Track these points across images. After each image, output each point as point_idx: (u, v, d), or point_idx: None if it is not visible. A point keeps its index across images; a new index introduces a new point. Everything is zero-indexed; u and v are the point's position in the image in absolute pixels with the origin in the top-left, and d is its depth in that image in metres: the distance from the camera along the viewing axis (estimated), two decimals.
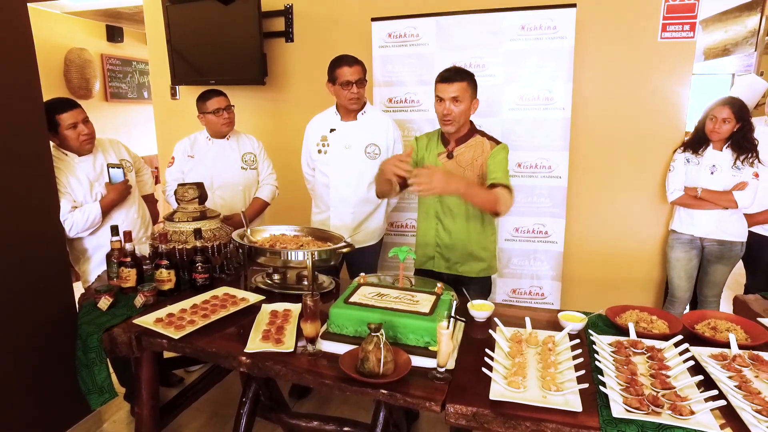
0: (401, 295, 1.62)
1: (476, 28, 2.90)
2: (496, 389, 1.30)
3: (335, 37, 3.33)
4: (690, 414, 1.20)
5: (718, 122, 2.62)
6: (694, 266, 2.86)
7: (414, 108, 3.08)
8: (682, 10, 2.79)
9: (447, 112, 2.03)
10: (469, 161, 2.13)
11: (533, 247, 3.06)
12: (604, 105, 2.99)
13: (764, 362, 1.44)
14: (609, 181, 3.07)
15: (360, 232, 2.56)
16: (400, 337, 1.50)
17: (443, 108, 2.04)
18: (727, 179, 2.64)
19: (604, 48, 2.93)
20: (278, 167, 2.98)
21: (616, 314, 1.77)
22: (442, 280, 2.24)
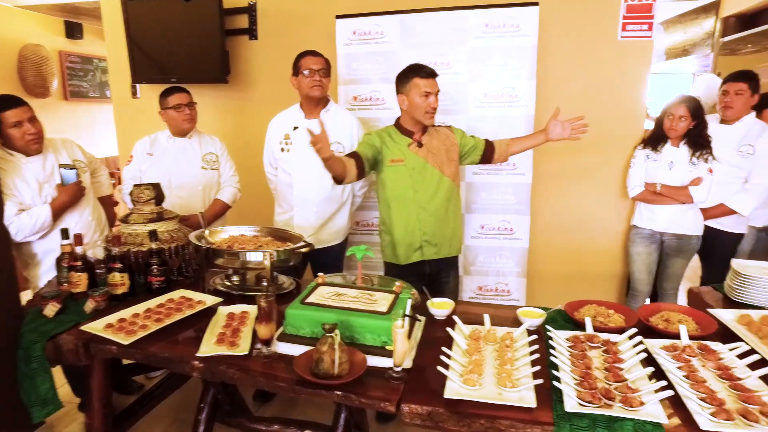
0: (360, 295, 1.61)
1: (441, 26, 2.90)
2: (451, 387, 1.30)
3: (300, 35, 3.28)
4: (640, 405, 1.22)
5: (675, 120, 2.67)
6: (654, 260, 2.92)
7: (379, 106, 3.06)
8: (640, 10, 2.85)
9: (436, 105, 2.16)
10: (438, 147, 2.25)
11: (499, 244, 3.08)
12: (566, 102, 2.99)
13: (711, 352, 1.48)
14: (572, 178, 3.11)
15: (324, 232, 2.53)
16: (357, 337, 1.48)
17: (432, 101, 2.14)
18: (684, 175, 2.70)
19: (566, 46, 2.96)
20: (242, 167, 2.92)
21: (574, 309, 1.79)
22: (431, 268, 2.32)
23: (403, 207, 2.26)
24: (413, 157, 2.23)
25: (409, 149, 2.23)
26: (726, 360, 1.43)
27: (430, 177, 2.23)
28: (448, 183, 2.27)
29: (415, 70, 2.18)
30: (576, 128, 2.23)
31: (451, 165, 2.29)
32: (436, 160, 2.24)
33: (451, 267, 2.40)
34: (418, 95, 2.15)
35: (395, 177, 2.25)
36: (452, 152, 2.29)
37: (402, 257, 2.30)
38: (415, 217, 2.25)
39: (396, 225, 2.29)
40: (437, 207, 2.25)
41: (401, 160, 2.23)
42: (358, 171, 2.15)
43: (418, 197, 2.23)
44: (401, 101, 2.22)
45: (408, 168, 2.22)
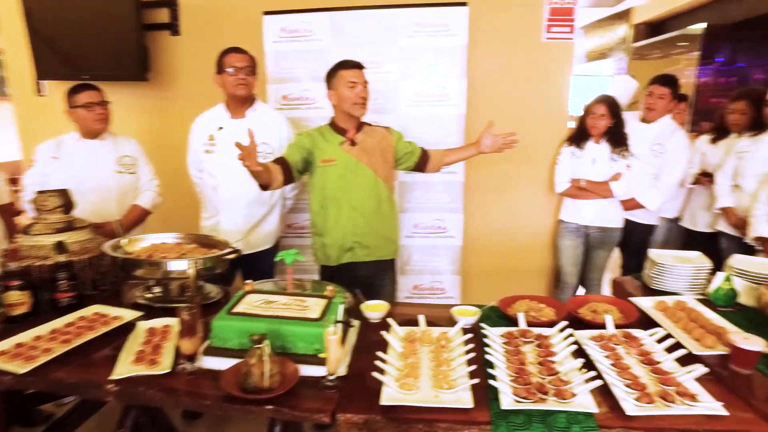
0: (290, 301, 1.53)
1: (371, 24, 2.87)
2: (387, 393, 1.26)
3: (225, 31, 3.12)
4: (572, 397, 1.24)
5: (596, 118, 2.80)
6: (580, 252, 3.05)
7: (309, 105, 2.99)
8: (562, 13, 2.96)
9: (364, 94, 2.14)
10: (374, 146, 2.22)
11: (432, 243, 3.10)
12: (495, 101, 3.09)
13: (634, 339, 1.54)
14: (503, 175, 3.18)
15: (254, 236, 2.43)
16: (288, 346, 1.41)
17: (360, 91, 2.12)
18: (605, 170, 2.84)
19: (495, 46, 3.03)
20: (165, 170, 2.75)
21: (507, 305, 1.81)
22: (365, 271, 2.28)
23: (334, 208, 2.21)
24: (345, 156, 2.18)
25: (342, 148, 2.19)
26: (647, 346, 1.50)
27: (363, 177, 2.19)
28: (382, 184, 2.24)
29: (340, 64, 2.17)
30: (507, 143, 2.27)
31: (386, 166, 2.26)
32: (370, 160, 2.21)
33: (386, 270, 2.37)
34: (344, 86, 2.12)
35: (326, 177, 2.19)
36: (388, 153, 2.27)
37: (333, 258, 2.25)
38: (347, 217, 2.20)
39: (327, 226, 2.23)
40: (370, 208, 2.21)
41: (332, 160, 2.17)
42: (285, 177, 2.12)
43: (349, 198, 2.19)
44: (331, 97, 2.18)
45: (340, 168, 2.17)
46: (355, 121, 2.21)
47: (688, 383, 1.30)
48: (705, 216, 3.06)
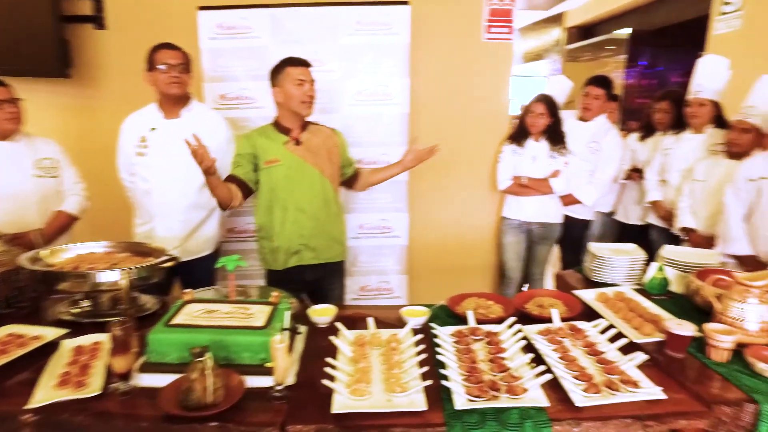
0: (233, 310, 1.45)
1: (312, 22, 2.81)
2: (339, 401, 1.22)
3: (157, 26, 2.95)
4: (523, 392, 1.25)
5: (535, 116, 2.89)
6: (523, 248, 3.13)
7: (249, 105, 2.88)
8: (501, 14, 3.02)
9: (312, 93, 2.09)
10: (318, 147, 2.17)
11: (378, 243, 3.08)
12: (438, 100, 3.11)
13: (579, 331, 1.58)
14: (446, 174, 3.21)
15: (192, 242, 2.30)
16: (233, 357, 1.34)
17: (307, 89, 2.07)
18: (545, 167, 2.93)
19: (437, 46, 3.04)
20: (93, 174, 2.55)
21: (456, 304, 1.81)
22: (312, 275, 2.22)
23: (279, 210, 2.14)
24: (290, 156, 2.11)
25: (286, 148, 2.12)
26: (591, 337, 1.54)
27: (309, 177, 2.14)
28: (329, 185, 2.20)
29: (287, 61, 2.11)
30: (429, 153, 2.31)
31: (332, 166, 2.22)
32: (316, 159, 2.16)
33: (334, 274, 2.32)
34: (292, 84, 2.06)
35: (271, 179, 2.12)
36: (334, 154, 2.23)
37: (280, 262, 2.18)
38: (293, 219, 2.14)
39: (273, 229, 2.15)
40: (316, 209, 2.16)
41: (277, 160, 2.10)
42: (244, 193, 2.09)
43: (295, 198, 2.12)
44: (276, 94, 2.11)
45: (285, 168, 2.10)
46: (300, 120, 2.15)
47: (630, 371, 1.34)
48: (636, 209, 3.24)
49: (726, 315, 1.51)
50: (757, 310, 1.48)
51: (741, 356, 1.42)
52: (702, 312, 1.69)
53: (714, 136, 2.72)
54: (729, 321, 1.49)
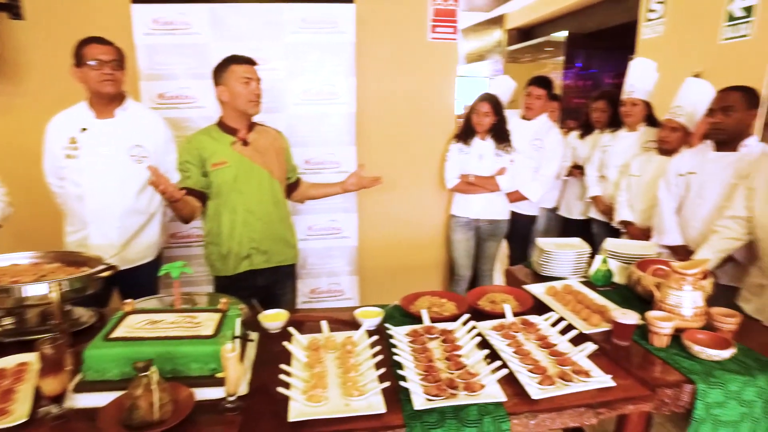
0: (179, 319, 1.37)
1: (254, 19, 2.72)
2: (295, 408, 1.17)
3: (86, 19, 2.75)
4: (481, 389, 1.25)
5: (481, 115, 2.94)
6: (472, 245, 3.18)
7: (189, 104, 2.76)
8: (446, 14, 3.06)
9: (259, 92, 2.04)
10: (266, 147, 2.12)
11: (328, 244, 3.04)
12: (385, 100, 3.11)
13: (531, 325, 1.61)
14: (395, 173, 3.20)
15: (131, 249, 2.17)
16: (180, 369, 1.26)
17: (254, 88, 2.01)
18: (491, 165, 2.98)
19: (383, 45, 3.03)
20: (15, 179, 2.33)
21: (409, 303, 1.80)
22: (263, 279, 2.15)
23: (228, 213, 2.06)
24: (237, 157, 2.04)
25: (233, 148, 2.04)
26: (543, 330, 1.58)
27: (258, 178, 2.07)
28: (278, 186, 2.15)
29: (232, 58, 2.04)
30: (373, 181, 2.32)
31: (281, 167, 2.17)
32: (265, 160, 2.10)
33: (286, 278, 2.27)
34: (238, 82, 1.99)
35: (219, 181, 2.04)
36: (281, 155, 2.18)
37: (230, 267, 2.10)
38: (243, 222, 2.07)
39: (222, 233, 2.07)
40: (266, 211, 2.10)
41: (224, 162, 2.02)
42: (202, 203, 2.03)
43: (244, 200, 2.05)
44: (221, 93, 2.03)
45: (233, 169, 2.03)
46: (246, 120, 2.08)
47: (581, 361, 1.38)
48: (578, 205, 3.37)
49: (665, 302, 1.58)
50: (692, 296, 1.56)
51: (679, 341, 1.50)
52: (643, 301, 1.77)
53: (646, 133, 2.88)
54: (667, 308, 1.57)
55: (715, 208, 2.22)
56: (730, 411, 1.36)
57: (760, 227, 1.91)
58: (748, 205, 1.96)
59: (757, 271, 1.98)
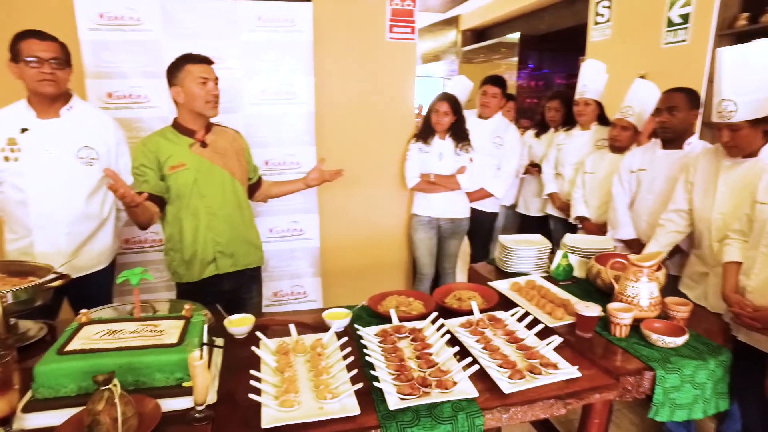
0: (140, 328, 1.31)
1: (209, 16, 2.63)
2: (268, 414, 1.14)
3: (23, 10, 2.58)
4: (453, 386, 1.26)
5: (440, 115, 2.97)
6: (434, 244, 3.20)
7: (142, 104, 2.64)
8: (403, 14, 3.07)
9: (216, 92, 1.97)
10: (226, 148, 2.05)
11: (290, 246, 3.00)
12: (345, 100, 3.09)
13: (498, 320, 1.64)
14: (356, 173, 3.18)
15: (83, 257, 2.06)
16: (144, 380, 1.20)
17: (211, 88, 1.94)
18: (451, 164, 3.02)
19: (341, 44, 3.01)
20: None
21: (377, 303, 1.80)
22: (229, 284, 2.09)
23: (190, 217, 1.98)
24: (197, 159, 1.97)
25: (191, 150, 1.97)
26: (510, 325, 1.61)
27: (219, 179, 2.01)
28: (240, 187, 2.09)
29: (187, 57, 1.95)
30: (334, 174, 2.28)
31: (242, 168, 2.11)
32: (225, 161, 2.03)
33: (252, 281, 2.21)
34: (194, 83, 1.91)
35: (178, 185, 1.95)
36: (241, 155, 2.13)
37: (195, 273, 2.02)
38: (205, 226, 1.99)
39: (184, 238, 1.99)
40: (229, 213, 2.03)
41: (183, 164, 1.94)
42: (160, 208, 1.95)
43: (206, 203, 1.98)
44: (176, 94, 1.94)
45: (192, 172, 1.95)
46: (203, 121, 2.01)
47: (548, 354, 1.42)
48: (536, 202, 3.46)
49: (624, 294, 1.65)
50: (648, 287, 1.63)
51: (638, 330, 1.56)
52: (603, 293, 1.84)
53: (599, 132, 3.00)
54: (626, 299, 1.64)
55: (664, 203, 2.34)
56: (685, 394, 1.43)
57: (698, 219, 2.02)
58: (688, 198, 2.07)
59: (697, 259, 2.09)
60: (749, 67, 1.70)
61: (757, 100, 1.70)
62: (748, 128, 1.75)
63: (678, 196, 2.11)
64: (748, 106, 1.71)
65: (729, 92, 1.73)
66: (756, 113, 1.71)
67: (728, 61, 1.73)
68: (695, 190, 2.04)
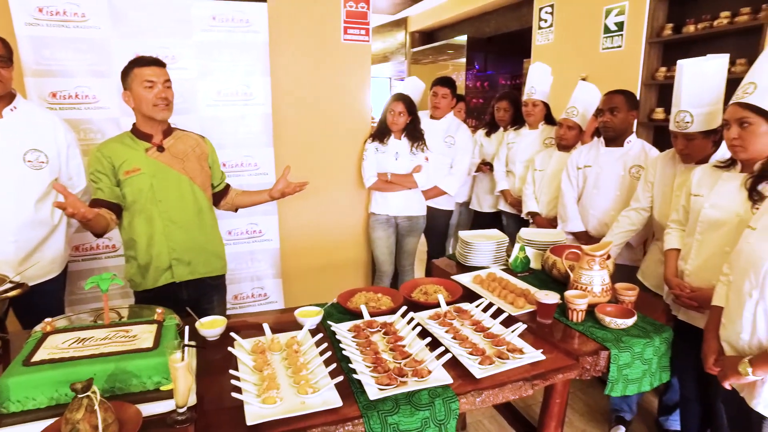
0: (111, 334, 1.28)
1: (160, 14, 2.56)
2: (251, 412, 1.16)
3: None
4: (428, 374, 1.32)
5: (395, 115, 3.03)
6: (392, 242, 3.27)
7: (89, 105, 2.53)
8: (357, 16, 3.11)
9: (166, 95, 1.89)
10: (186, 153, 2.00)
11: (249, 248, 2.97)
12: (301, 100, 3.09)
13: (464, 311, 1.72)
14: (314, 174, 3.17)
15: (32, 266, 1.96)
16: (120, 387, 1.18)
17: (159, 91, 1.87)
18: (408, 164, 3.09)
19: (297, 45, 3.01)
20: None
21: (346, 299, 1.83)
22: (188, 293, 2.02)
23: (144, 222, 1.92)
24: (153, 163, 1.90)
25: (147, 155, 1.90)
26: (476, 316, 1.69)
27: (177, 184, 1.95)
28: (200, 193, 2.01)
29: (135, 61, 1.89)
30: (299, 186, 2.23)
31: (203, 174, 2.04)
32: (184, 165, 1.96)
33: (213, 290, 2.13)
34: (141, 86, 1.85)
35: (133, 190, 1.88)
36: (203, 160, 2.06)
37: (150, 281, 1.96)
38: (161, 232, 1.93)
39: (138, 244, 1.93)
40: (188, 219, 1.98)
41: (137, 169, 1.88)
42: (117, 214, 1.89)
43: (162, 208, 1.92)
44: (127, 99, 1.88)
45: (147, 177, 1.89)
46: (160, 125, 1.95)
47: (514, 340, 1.51)
48: (488, 198, 3.60)
49: (579, 282, 1.77)
50: (600, 274, 1.76)
51: (592, 314, 1.69)
52: (559, 282, 1.96)
53: (546, 131, 3.16)
54: (581, 286, 1.76)
55: (609, 197, 2.51)
56: (635, 369, 1.56)
57: (658, 215, 2.18)
58: (649, 197, 2.22)
59: (656, 248, 2.25)
60: (705, 80, 1.85)
61: (710, 113, 1.86)
62: (700, 139, 1.91)
63: (640, 195, 2.25)
64: (701, 118, 1.86)
65: (686, 104, 1.88)
66: (708, 125, 1.88)
67: (687, 74, 1.86)
68: (655, 190, 2.20)
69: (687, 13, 3.34)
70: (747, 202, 1.60)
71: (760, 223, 1.37)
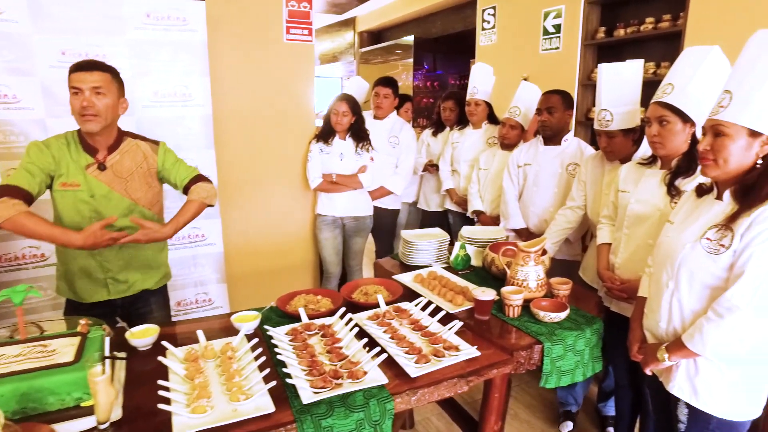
0: (26, 350, 1.21)
1: (87, 10, 2.43)
2: (180, 422, 1.12)
3: None
4: (364, 375, 1.32)
5: (340, 115, 3.02)
6: (339, 242, 3.25)
7: (9, 105, 2.37)
8: (300, 16, 3.07)
9: (88, 104, 1.69)
10: (131, 170, 1.84)
11: (192, 253, 2.88)
12: (243, 101, 3.02)
13: (403, 311, 1.73)
14: (258, 176, 3.14)
15: None
16: (33, 407, 1.12)
17: (82, 99, 1.69)
18: (353, 164, 3.08)
19: (238, 45, 2.94)
20: None
21: (285, 303, 1.81)
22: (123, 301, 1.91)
23: None
24: (93, 182, 1.77)
25: (87, 172, 1.76)
26: (414, 315, 1.71)
27: (118, 206, 1.81)
28: (147, 212, 1.89)
29: (72, 66, 1.74)
30: None
31: (150, 191, 1.90)
32: (127, 187, 1.83)
33: (152, 295, 2.02)
34: (70, 93, 1.72)
35: (68, 204, 1.76)
36: (151, 177, 1.90)
37: (84, 295, 1.85)
38: (97, 253, 1.81)
39: (68, 259, 1.82)
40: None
41: (76, 185, 1.75)
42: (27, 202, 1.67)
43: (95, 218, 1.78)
44: None
45: (85, 195, 1.76)
46: (104, 138, 1.79)
47: (450, 338, 1.53)
48: (435, 198, 3.64)
49: (515, 278, 1.82)
50: (535, 270, 1.82)
51: (528, 309, 1.73)
52: (497, 279, 2.01)
53: (489, 130, 3.23)
54: (517, 282, 1.81)
55: (548, 194, 2.59)
56: (568, 361, 1.62)
57: (591, 213, 2.27)
58: (583, 195, 2.31)
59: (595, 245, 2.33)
60: (622, 82, 1.98)
61: (628, 113, 1.98)
62: (621, 136, 2.04)
63: (575, 193, 2.34)
64: (621, 116, 1.98)
65: (606, 103, 2.00)
66: (627, 124, 2.00)
67: (606, 76, 2.00)
68: (587, 189, 2.28)
69: (617, 18, 3.50)
70: (667, 197, 1.69)
71: (677, 218, 1.46)
